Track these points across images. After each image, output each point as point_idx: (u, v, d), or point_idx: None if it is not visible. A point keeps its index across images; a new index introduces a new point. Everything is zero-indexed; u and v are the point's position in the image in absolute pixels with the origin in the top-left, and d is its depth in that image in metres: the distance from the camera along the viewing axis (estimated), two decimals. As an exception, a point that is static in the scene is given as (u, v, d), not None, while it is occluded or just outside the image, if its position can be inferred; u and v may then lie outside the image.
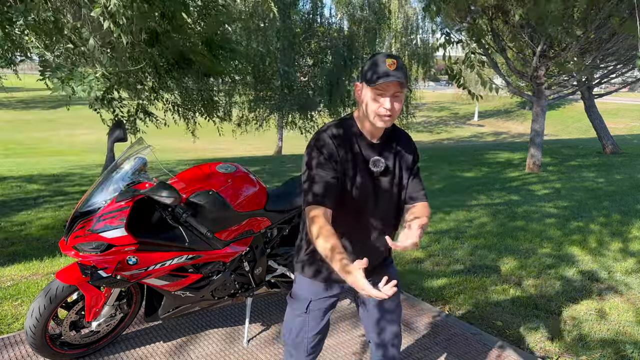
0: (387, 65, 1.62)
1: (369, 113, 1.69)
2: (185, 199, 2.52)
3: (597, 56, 10.15)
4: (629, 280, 4.04)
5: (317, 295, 1.89)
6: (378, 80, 1.61)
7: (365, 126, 1.77)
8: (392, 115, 1.67)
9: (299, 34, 17.80)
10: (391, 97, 1.65)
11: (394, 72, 1.61)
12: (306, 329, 1.92)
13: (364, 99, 1.69)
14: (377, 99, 1.66)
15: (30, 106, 28.77)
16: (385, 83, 1.61)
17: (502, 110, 37.42)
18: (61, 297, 2.45)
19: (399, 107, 1.67)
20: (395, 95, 1.65)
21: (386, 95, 1.64)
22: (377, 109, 1.66)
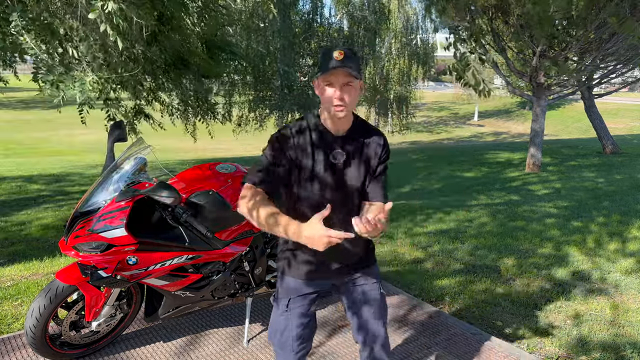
0: (335, 56, 1.66)
1: (325, 105, 1.74)
2: (185, 199, 2.53)
3: (597, 56, 10.15)
4: (629, 280, 4.04)
5: (296, 293, 1.90)
6: (326, 71, 1.66)
7: (328, 120, 1.80)
8: (346, 105, 1.69)
9: (299, 34, 17.81)
10: (341, 87, 1.68)
11: (340, 62, 1.65)
12: (290, 327, 1.91)
13: (320, 91, 1.73)
14: (329, 90, 1.69)
15: (30, 106, 28.77)
16: (333, 73, 1.65)
17: (502, 110, 37.42)
18: (61, 297, 2.45)
19: (352, 96, 1.70)
20: (347, 85, 1.68)
21: (336, 85, 1.68)
22: (330, 99, 1.70)
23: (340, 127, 1.81)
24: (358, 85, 1.73)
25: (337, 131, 1.81)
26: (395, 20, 22.12)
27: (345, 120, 1.79)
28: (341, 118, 1.74)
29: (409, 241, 5.10)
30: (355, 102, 1.74)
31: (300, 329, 1.92)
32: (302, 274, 1.89)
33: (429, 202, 7.31)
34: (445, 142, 26.97)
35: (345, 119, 1.78)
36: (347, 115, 1.74)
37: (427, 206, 6.89)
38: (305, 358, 2.00)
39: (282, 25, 16.53)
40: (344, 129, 1.82)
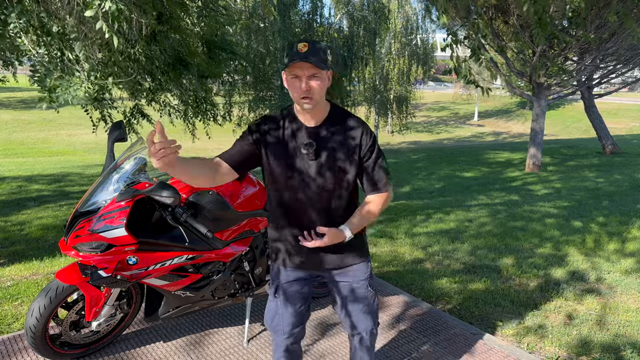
0: (299, 48, 1.67)
1: (293, 97, 1.75)
2: (185, 199, 2.53)
3: (597, 56, 10.16)
4: (629, 280, 4.05)
5: (284, 279, 1.96)
6: (289, 63, 1.67)
7: (300, 111, 1.82)
8: (312, 96, 1.70)
9: (299, 34, 17.80)
10: (307, 78, 1.68)
11: (304, 54, 1.65)
12: (280, 312, 1.99)
13: (287, 84, 1.75)
14: (295, 82, 1.71)
15: (30, 106, 28.76)
16: (297, 64, 1.66)
17: (502, 110, 37.43)
18: (61, 297, 2.45)
19: (318, 87, 1.70)
20: (313, 76, 1.69)
21: (301, 76, 1.68)
22: (295, 91, 1.71)
23: (313, 118, 1.81)
24: (325, 76, 1.72)
25: (309, 122, 1.82)
26: (395, 20, 22.13)
27: (317, 111, 1.79)
28: (309, 109, 1.75)
29: (409, 241, 5.10)
30: (322, 93, 1.74)
31: (289, 314, 1.98)
32: (288, 262, 1.94)
33: (429, 202, 7.32)
34: (445, 142, 26.98)
35: (317, 109, 1.78)
36: (315, 106, 1.75)
37: (427, 206, 6.90)
38: (298, 343, 2.09)
39: (282, 25, 16.53)
40: (318, 120, 1.82)
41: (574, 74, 11.04)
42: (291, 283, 1.96)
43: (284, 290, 1.97)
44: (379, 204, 1.88)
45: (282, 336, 2.01)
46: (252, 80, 17.41)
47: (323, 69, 1.68)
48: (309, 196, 1.83)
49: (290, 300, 1.97)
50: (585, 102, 13.40)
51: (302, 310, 2.01)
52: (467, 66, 5.44)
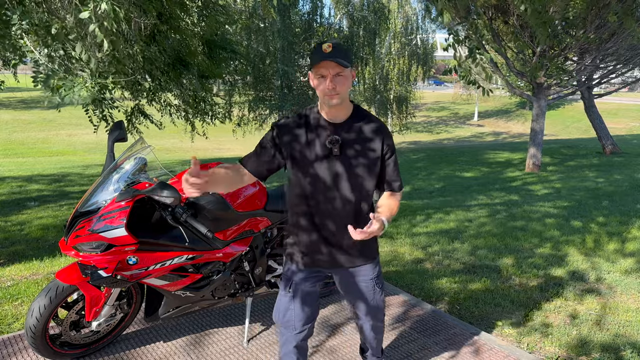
0: (324, 49, 1.77)
1: (319, 94, 1.84)
2: (185, 199, 2.53)
3: (597, 56, 10.16)
4: (629, 280, 4.05)
5: (297, 277, 2.03)
6: (316, 63, 1.78)
7: (324, 109, 1.90)
8: (338, 93, 1.80)
9: (298, 34, 17.80)
10: (333, 77, 1.79)
11: (329, 54, 1.76)
12: (292, 308, 2.05)
13: (313, 83, 1.85)
14: (321, 81, 1.81)
15: (30, 106, 28.77)
16: (323, 63, 1.77)
17: (501, 110, 37.43)
18: (61, 297, 2.45)
19: (343, 85, 1.80)
20: (338, 75, 1.79)
21: (327, 75, 1.79)
22: (322, 89, 1.81)
23: (337, 115, 1.90)
24: (349, 74, 1.82)
25: (333, 119, 1.90)
26: (395, 20, 22.12)
27: (341, 109, 1.88)
28: (334, 105, 1.83)
29: (409, 241, 5.11)
30: (347, 90, 1.84)
31: (301, 310, 2.04)
32: (301, 261, 2.02)
33: (429, 202, 7.32)
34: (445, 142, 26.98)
35: (342, 107, 1.87)
36: (341, 103, 1.84)
37: (427, 206, 6.90)
38: (306, 339, 2.14)
39: (282, 26, 16.52)
40: (342, 118, 1.90)
41: (574, 74, 11.04)
42: (305, 280, 2.03)
43: (297, 287, 2.03)
44: (397, 202, 1.97)
45: (294, 332, 2.07)
46: (252, 80, 17.41)
47: (347, 67, 1.78)
48: (334, 191, 1.90)
49: (303, 296, 2.03)
50: (585, 102, 13.40)
51: (313, 307, 2.08)
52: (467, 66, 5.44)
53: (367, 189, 1.93)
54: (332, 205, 1.91)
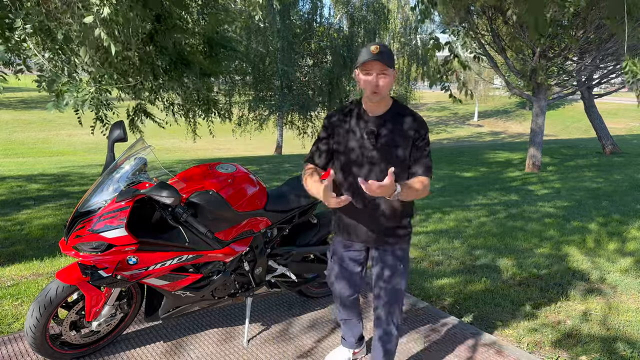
0: (371, 50, 1.99)
1: (364, 90, 2.07)
2: (185, 199, 2.53)
3: (597, 56, 10.16)
4: (629, 280, 4.05)
5: (340, 246, 2.37)
6: (364, 61, 2.00)
7: (366, 103, 2.16)
8: (380, 89, 2.03)
9: (298, 34, 17.80)
10: (377, 75, 2.02)
11: (375, 55, 1.98)
12: (333, 274, 2.44)
13: (359, 80, 2.07)
14: (366, 77, 2.03)
15: (31, 106, 28.76)
16: (369, 62, 2.00)
17: (501, 110, 37.44)
18: (61, 297, 2.45)
19: (385, 82, 2.03)
20: (381, 74, 2.02)
21: (372, 73, 2.02)
22: (367, 85, 2.04)
23: (377, 109, 2.14)
24: (391, 74, 2.04)
25: (373, 112, 2.14)
26: (395, 20, 22.13)
27: (381, 103, 2.12)
28: (376, 101, 2.07)
29: (408, 241, 5.10)
30: (388, 88, 2.07)
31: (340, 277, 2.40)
32: (343, 234, 2.34)
33: (428, 202, 7.31)
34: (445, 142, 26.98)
35: (382, 102, 2.12)
36: (381, 99, 2.08)
37: (426, 206, 6.90)
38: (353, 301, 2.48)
39: (282, 26, 16.52)
40: (381, 111, 2.14)
41: (574, 74, 11.04)
42: (348, 251, 2.36)
43: (338, 254, 2.39)
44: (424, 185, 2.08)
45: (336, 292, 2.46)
46: (252, 80, 17.41)
47: (390, 67, 2.01)
48: (368, 178, 2.11)
49: (342, 264, 2.38)
50: (585, 102, 13.39)
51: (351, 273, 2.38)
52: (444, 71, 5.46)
53: (401, 174, 2.10)
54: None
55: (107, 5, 2.97)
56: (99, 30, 3.06)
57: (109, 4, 2.97)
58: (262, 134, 19.96)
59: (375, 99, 2.06)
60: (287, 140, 20.88)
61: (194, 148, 20.71)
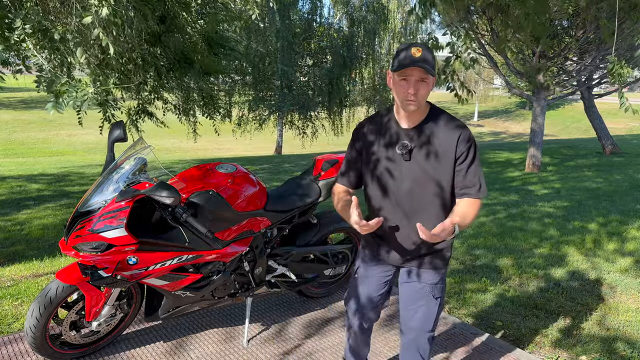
0: (412, 52, 1.72)
1: (397, 98, 1.80)
2: (185, 199, 2.53)
3: (597, 56, 10.15)
4: (628, 280, 4.05)
5: (365, 264, 2.10)
6: (400, 67, 1.73)
7: (400, 112, 1.88)
8: (417, 99, 1.76)
9: (298, 34, 17.80)
10: (415, 82, 1.74)
11: (416, 59, 1.70)
12: (355, 292, 2.13)
13: (393, 85, 1.80)
14: (403, 84, 1.76)
15: (30, 106, 28.76)
16: (409, 69, 1.72)
17: (501, 110, 37.44)
18: (61, 297, 2.45)
19: (425, 91, 1.76)
20: (421, 81, 1.74)
21: (410, 80, 1.74)
22: (403, 94, 1.76)
23: (411, 120, 1.86)
24: (432, 81, 1.78)
25: (407, 123, 1.87)
26: (395, 20, 22.13)
27: (417, 113, 1.85)
28: (412, 111, 1.80)
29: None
30: (426, 97, 1.79)
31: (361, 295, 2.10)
32: (373, 251, 2.08)
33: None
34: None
35: (417, 111, 1.84)
36: (418, 108, 1.80)
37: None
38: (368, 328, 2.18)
39: (282, 26, 16.52)
40: (415, 121, 1.87)
41: (574, 74, 11.03)
42: (373, 268, 2.08)
43: (362, 272, 2.11)
44: (473, 210, 1.85)
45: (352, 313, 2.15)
46: (252, 80, 17.41)
47: (432, 75, 1.74)
48: (400, 196, 1.89)
49: (366, 282, 2.09)
50: (585, 102, 13.39)
51: (379, 295, 2.09)
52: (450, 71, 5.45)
53: (437, 193, 1.87)
54: (401, 208, 1.91)
55: (105, 5, 2.97)
56: (97, 30, 3.06)
57: (107, 5, 2.97)
58: (262, 134, 19.96)
59: (411, 109, 1.78)
60: (287, 140, 20.87)
61: (194, 148, 20.71)
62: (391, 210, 1.93)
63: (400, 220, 1.93)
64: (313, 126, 19.02)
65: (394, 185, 1.89)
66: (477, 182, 1.86)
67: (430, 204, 1.89)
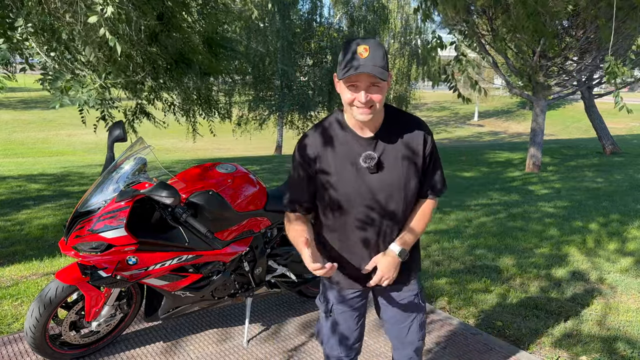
0: (359, 53, 1.45)
1: (347, 106, 1.57)
2: (185, 199, 2.52)
3: (597, 56, 10.15)
4: (629, 280, 4.05)
5: (337, 299, 1.85)
6: (346, 73, 1.46)
7: (352, 120, 1.63)
8: (372, 107, 1.52)
9: (298, 34, 17.81)
10: (367, 88, 1.49)
11: (364, 61, 1.44)
12: (325, 332, 1.91)
13: (341, 91, 1.55)
14: (352, 91, 1.51)
15: (30, 106, 28.75)
16: (357, 75, 1.46)
17: (502, 110, 37.43)
18: (61, 297, 2.45)
19: (379, 97, 1.51)
20: (373, 85, 1.49)
21: (360, 86, 1.49)
22: (353, 101, 1.52)
23: (369, 127, 1.62)
24: (385, 84, 1.52)
25: (364, 132, 1.63)
26: (395, 20, 22.13)
27: (374, 119, 1.60)
28: (366, 120, 1.55)
29: (408, 241, 5.09)
30: (382, 102, 1.55)
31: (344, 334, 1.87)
32: (340, 282, 1.82)
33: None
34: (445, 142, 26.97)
35: (374, 118, 1.58)
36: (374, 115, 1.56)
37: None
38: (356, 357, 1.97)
39: (282, 25, 16.52)
40: (374, 128, 1.63)
41: (574, 74, 11.03)
42: (348, 301, 1.84)
43: (337, 310, 1.85)
44: (429, 214, 1.77)
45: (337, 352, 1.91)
46: (252, 80, 17.41)
47: (384, 79, 1.48)
48: (372, 209, 1.67)
49: (345, 318, 1.85)
50: (585, 102, 13.39)
51: (358, 327, 1.90)
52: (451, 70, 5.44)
53: (410, 203, 1.72)
54: (370, 223, 1.69)
55: (110, 4, 2.97)
56: (103, 29, 3.06)
57: (112, 3, 2.97)
58: (262, 134, 19.95)
59: (365, 119, 1.53)
60: (287, 140, 20.86)
61: (194, 148, 20.70)
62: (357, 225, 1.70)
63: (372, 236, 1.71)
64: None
65: (361, 199, 1.65)
66: (441, 178, 1.76)
67: (402, 215, 1.73)
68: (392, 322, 1.90)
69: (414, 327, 1.89)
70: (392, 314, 1.88)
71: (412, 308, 1.87)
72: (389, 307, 1.88)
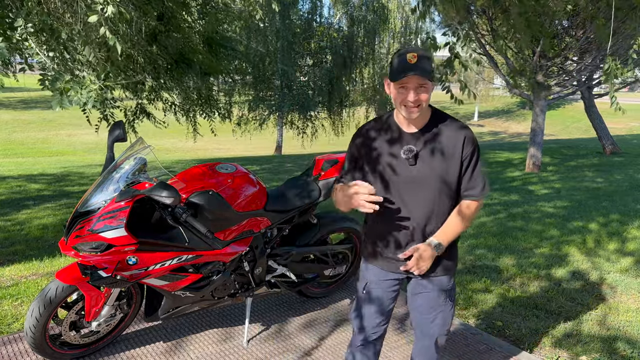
0: (408, 59, 1.69)
1: (397, 105, 1.80)
2: (185, 199, 2.53)
3: (597, 56, 10.15)
4: (629, 280, 4.05)
5: (374, 278, 2.00)
6: (397, 77, 1.71)
7: (401, 117, 1.87)
8: (420, 106, 1.75)
9: (298, 34, 17.80)
10: (415, 89, 1.72)
11: (413, 66, 1.68)
12: (360, 308, 2.04)
13: (392, 93, 1.79)
14: (402, 92, 1.74)
15: (30, 106, 28.75)
16: (406, 77, 1.70)
17: (502, 110, 37.44)
18: (61, 297, 2.45)
19: (426, 97, 1.75)
20: (420, 86, 1.72)
21: (409, 87, 1.72)
22: (403, 101, 1.75)
23: (415, 124, 1.85)
24: (431, 85, 1.76)
25: (409, 128, 1.86)
26: (395, 20, 22.13)
27: (420, 117, 1.83)
28: (414, 118, 1.79)
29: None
30: (428, 101, 1.78)
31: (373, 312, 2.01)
32: (380, 263, 1.99)
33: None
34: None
35: (420, 116, 1.82)
36: (420, 114, 1.80)
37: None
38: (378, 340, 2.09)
39: (282, 25, 16.51)
40: (419, 125, 1.85)
41: (574, 74, 11.03)
42: (383, 282, 2.00)
43: (371, 289, 2.01)
44: (471, 214, 1.88)
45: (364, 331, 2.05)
46: (252, 80, 17.41)
47: (431, 80, 1.73)
48: (408, 202, 1.86)
49: (377, 298, 2.01)
50: (585, 102, 13.38)
51: (387, 310, 2.04)
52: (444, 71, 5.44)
53: (445, 196, 1.87)
54: (408, 214, 1.87)
55: (111, 3, 2.97)
56: (103, 29, 3.06)
57: (113, 3, 2.96)
58: (262, 134, 19.94)
59: (413, 116, 1.77)
60: (287, 140, 20.86)
61: (194, 148, 20.70)
62: (397, 215, 1.89)
63: (409, 225, 1.89)
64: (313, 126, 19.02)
65: (400, 190, 1.86)
66: (481, 182, 1.87)
67: (438, 206, 1.87)
68: (418, 311, 2.02)
69: (438, 321, 1.99)
70: (420, 302, 2.00)
71: (441, 302, 1.98)
72: (418, 296, 2.00)
